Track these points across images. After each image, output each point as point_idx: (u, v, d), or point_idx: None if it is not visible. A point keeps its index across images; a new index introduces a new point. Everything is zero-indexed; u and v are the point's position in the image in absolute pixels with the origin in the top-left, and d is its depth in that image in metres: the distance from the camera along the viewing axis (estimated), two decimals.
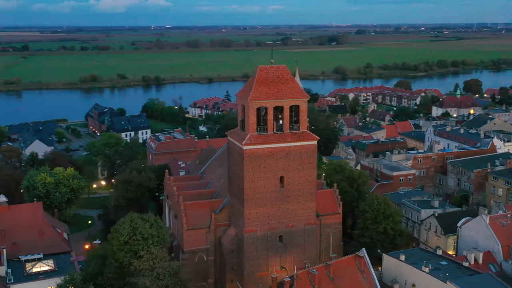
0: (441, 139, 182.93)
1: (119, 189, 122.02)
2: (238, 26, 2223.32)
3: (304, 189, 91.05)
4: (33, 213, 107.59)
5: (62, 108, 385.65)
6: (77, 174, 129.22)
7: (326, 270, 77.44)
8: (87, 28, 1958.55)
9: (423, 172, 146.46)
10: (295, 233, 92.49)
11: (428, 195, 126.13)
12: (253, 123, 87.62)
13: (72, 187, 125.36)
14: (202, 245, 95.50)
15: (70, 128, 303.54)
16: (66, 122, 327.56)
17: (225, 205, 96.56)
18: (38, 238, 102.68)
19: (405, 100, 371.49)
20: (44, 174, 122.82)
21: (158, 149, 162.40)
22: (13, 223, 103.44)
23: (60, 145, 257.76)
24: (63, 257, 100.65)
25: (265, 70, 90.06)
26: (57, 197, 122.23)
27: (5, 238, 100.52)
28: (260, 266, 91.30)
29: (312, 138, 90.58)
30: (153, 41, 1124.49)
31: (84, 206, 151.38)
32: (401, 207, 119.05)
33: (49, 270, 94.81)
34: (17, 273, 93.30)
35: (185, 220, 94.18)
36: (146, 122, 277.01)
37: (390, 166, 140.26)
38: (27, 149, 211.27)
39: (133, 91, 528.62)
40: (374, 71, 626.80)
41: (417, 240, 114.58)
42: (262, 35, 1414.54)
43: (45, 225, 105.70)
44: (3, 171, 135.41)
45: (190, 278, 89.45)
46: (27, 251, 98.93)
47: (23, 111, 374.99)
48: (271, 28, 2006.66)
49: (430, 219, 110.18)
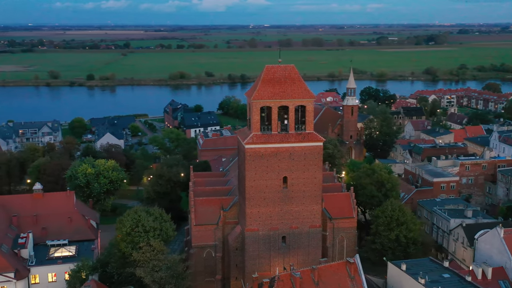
0: (506, 146, 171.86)
1: (150, 183, 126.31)
2: (336, 25, 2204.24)
3: (308, 190, 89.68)
4: (65, 201, 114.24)
5: (147, 103, 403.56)
6: (118, 166, 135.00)
7: (312, 273, 75.94)
8: (187, 27, 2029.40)
9: (471, 180, 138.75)
10: (299, 234, 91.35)
11: (466, 204, 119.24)
12: (257, 122, 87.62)
13: (111, 178, 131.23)
14: (210, 241, 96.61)
15: (148, 123, 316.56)
16: (146, 117, 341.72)
17: (235, 202, 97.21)
18: (66, 225, 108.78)
19: (492, 103, 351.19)
20: (85, 165, 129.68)
21: (205, 145, 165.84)
22: (45, 210, 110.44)
23: (134, 138, 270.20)
24: (86, 244, 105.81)
25: (271, 69, 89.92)
26: (95, 188, 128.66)
27: (36, 223, 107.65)
28: (262, 266, 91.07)
29: (317, 139, 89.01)
30: (248, 40, 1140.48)
31: (134, 197, 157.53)
32: (433, 215, 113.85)
33: (70, 255, 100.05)
34: (41, 256, 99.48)
35: (193, 215, 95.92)
36: (215, 119, 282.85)
37: (432, 172, 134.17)
38: (99, 141, 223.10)
39: (219, 88, 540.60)
40: (467, 73, 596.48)
41: (445, 250, 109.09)
42: (358, 34, 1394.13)
43: (74, 213, 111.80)
44: (53, 161, 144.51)
45: (190, 272, 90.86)
46: (54, 237, 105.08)
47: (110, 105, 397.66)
48: (370, 27, 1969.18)
49: (458, 229, 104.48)
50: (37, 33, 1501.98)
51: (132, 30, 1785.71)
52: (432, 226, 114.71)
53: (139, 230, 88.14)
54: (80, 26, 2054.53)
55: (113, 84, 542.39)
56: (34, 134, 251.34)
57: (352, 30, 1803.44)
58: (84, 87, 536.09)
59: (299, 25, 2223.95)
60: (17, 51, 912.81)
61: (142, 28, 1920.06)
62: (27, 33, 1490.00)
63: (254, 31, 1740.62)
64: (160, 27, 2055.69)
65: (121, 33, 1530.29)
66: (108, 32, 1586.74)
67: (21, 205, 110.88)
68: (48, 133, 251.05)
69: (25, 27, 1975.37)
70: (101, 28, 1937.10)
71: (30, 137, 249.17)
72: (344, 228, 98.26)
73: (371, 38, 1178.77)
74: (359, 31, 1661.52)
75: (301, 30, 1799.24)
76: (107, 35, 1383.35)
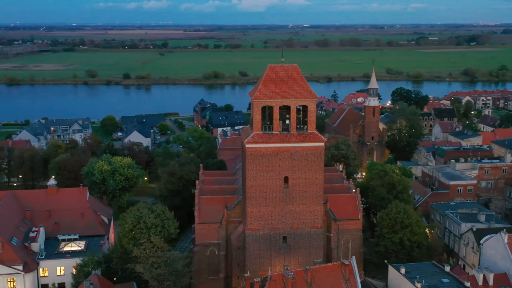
0: None
1: (163, 181, 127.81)
2: (376, 25, 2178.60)
3: (310, 191, 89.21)
4: (78, 197, 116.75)
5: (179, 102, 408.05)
6: (134, 164, 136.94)
7: (305, 274, 75.54)
8: (226, 27, 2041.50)
9: (490, 184, 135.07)
10: (300, 235, 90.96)
11: (480, 207, 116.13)
12: (258, 122, 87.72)
13: (127, 175, 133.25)
14: (213, 239, 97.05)
15: (178, 122, 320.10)
16: (177, 116, 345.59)
17: (239, 202, 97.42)
18: (78, 220, 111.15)
19: None
20: (102, 162, 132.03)
21: (223, 144, 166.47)
22: (59, 205, 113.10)
23: (162, 137, 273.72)
24: (96, 239, 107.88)
25: (274, 69, 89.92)
26: (111, 184, 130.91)
27: (49, 218, 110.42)
28: (263, 265, 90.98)
29: (319, 139, 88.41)
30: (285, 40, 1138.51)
31: (152, 194, 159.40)
32: (445, 218, 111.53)
33: (78, 250, 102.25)
34: (50, 250, 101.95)
35: (197, 213, 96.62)
36: (243, 118, 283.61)
37: (449, 175, 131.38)
38: (126, 139, 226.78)
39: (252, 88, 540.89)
40: (508, 74, 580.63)
41: (456, 255, 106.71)
42: (398, 35, 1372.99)
43: (86, 209, 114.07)
44: (73, 157, 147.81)
45: (190, 270, 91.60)
46: (66, 231, 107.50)
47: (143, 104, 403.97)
48: (411, 27, 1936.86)
49: (468, 234, 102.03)
50: (80, 32, 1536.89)
51: (172, 30, 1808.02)
52: (444, 230, 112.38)
53: (140, 226, 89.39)
54: (122, 26, 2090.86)
55: (149, 83, 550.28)
56: (65, 131, 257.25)
57: (392, 30, 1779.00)
58: (120, 85, 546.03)
59: (339, 25, 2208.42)
60: (58, 50, 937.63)
61: (182, 28, 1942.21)
62: (70, 32, 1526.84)
63: (292, 31, 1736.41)
64: (199, 27, 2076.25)
65: (161, 32, 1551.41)
66: (148, 32, 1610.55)
67: (35, 200, 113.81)
68: (78, 131, 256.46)
69: (69, 27, 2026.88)
70: (142, 28, 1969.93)
71: (61, 134, 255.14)
72: (349, 229, 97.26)
73: (411, 38, 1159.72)
74: (399, 31, 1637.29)
75: (340, 30, 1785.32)
76: (147, 35, 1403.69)
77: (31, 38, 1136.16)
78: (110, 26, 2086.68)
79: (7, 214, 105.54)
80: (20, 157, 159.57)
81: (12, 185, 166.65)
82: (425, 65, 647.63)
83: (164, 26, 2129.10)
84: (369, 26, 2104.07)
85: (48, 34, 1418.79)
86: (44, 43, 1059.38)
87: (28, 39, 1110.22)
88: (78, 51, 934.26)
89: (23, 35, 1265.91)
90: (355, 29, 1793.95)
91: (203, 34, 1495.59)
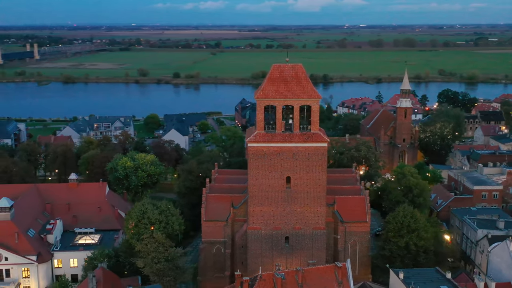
0: None
1: (181, 178, 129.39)
2: (435, 25, 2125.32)
3: (312, 191, 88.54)
4: (98, 192, 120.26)
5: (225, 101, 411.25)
6: (156, 161, 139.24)
7: (296, 275, 74.92)
8: (281, 27, 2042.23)
9: None
10: (302, 236, 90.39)
11: (504, 214, 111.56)
12: (261, 121, 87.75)
13: (149, 172, 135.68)
14: (219, 237, 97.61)
15: (219, 121, 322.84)
16: (219, 115, 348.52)
17: (246, 200, 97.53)
18: (95, 214, 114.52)
19: None
20: (125, 159, 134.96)
21: None
22: (78, 199, 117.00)
23: (202, 135, 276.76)
24: (111, 233, 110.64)
25: (278, 68, 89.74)
26: (133, 180, 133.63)
27: (68, 211, 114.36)
28: (264, 265, 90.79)
29: (321, 140, 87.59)
30: (338, 40, 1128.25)
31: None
32: (463, 224, 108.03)
33: (92, 243, 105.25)
34: (66, 242, 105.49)
35: (203, 211, 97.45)
36: None
37: (474, 180, 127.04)
38: (165, 137, 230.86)
39: None
40: None
41: (472, 262, 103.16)
42: (457, 35, 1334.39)
43: (104, 203, 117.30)
44: (101, 153, 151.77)
45: (192, 266, 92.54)
46: (83, 225, 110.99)
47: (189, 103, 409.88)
48: (471, 28, 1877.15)
49: (483, 241, 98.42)
50: (138, 32, 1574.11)
51: (227, 30, 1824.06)
52: (462, 236, 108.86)
53: (144, 222, 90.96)
54: (179, 26, 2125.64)
55: (197, 82, 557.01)
56: (107, 128, 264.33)
57: (451, 30, 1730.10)
58: (170, 84, 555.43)
59: (396, 25, 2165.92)
60: (115, 50, 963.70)
61: (237, 28, 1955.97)
62: (128, 32, 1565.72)
63: (348, 31, 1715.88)
64: (254, 27, 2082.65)
65: (216, 32, 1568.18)
66: (203, 32, 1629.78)
67: (56, 194, 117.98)
68: (120, 128, 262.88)
69: (128, 27, 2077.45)
70: (198, 28, 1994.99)
71: (104, 131, 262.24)
72: (356, 232, 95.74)
73: (469, 39, 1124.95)
74: (459, 31, 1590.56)
75: (396, 30, 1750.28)
76: (202, 35, 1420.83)
77: (91, 37, 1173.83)
78: (167, 26, 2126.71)
79: (27, 206, 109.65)
80: (54, 152, 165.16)
81: (47, 179, 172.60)
82: (481, 66, 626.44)
83: (220, 26, 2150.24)
84: (428, 26, 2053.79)
85: (107, 34, 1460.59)
86: (102, 42, 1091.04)
87: (87, 38, 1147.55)
88: (133, 51, 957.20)
89: (84, 35, 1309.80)
90: (413, 29, 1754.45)
91: (257, 34, 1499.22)
